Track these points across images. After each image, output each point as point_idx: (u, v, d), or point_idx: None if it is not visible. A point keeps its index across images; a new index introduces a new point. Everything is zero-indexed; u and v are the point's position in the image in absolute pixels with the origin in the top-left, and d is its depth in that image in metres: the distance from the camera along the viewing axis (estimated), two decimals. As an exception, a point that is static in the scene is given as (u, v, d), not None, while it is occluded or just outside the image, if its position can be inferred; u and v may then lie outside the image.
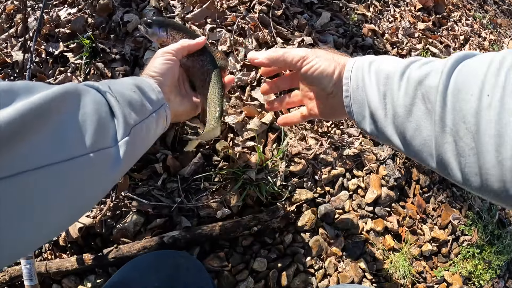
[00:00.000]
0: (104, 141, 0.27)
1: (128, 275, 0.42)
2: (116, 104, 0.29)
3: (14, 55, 0.75)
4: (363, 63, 0.33)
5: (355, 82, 0.33)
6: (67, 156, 0.23)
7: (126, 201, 0.58)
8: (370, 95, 0.31)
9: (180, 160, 0.58)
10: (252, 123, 0.60)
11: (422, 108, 0.26)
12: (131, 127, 0.30)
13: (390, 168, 0.68)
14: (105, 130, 0.27)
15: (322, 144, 0.63)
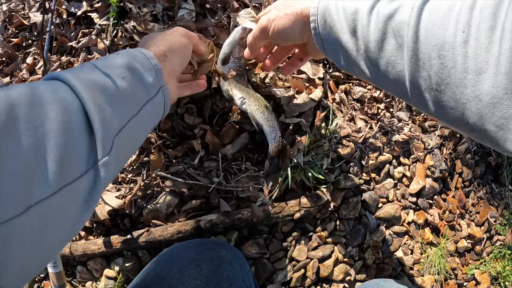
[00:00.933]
0: (73, 171, 0.20)
1: (166, 270, 0.39)
2: (93, 107, 0.22)
3: (32, 17, 0.67)
4: (328, 2, 0.32)
5: (322, 21, 0.32)
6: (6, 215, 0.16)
7: (158, 180, 0.53)
8: (340, 32, 0.31)
9: (220, 137, 0.53)
10: (300, 99, 0.55)
11: (393, 43, 0.26)
12: (113, 137, 0.24)
13: (437, 158, 0.65)
14: (74, 155, 0.20)
15: (372, 127, 0.59)
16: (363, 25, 0.29)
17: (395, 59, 0.27)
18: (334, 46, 0.32)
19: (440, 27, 0.23)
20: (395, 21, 0.26)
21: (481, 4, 0.22)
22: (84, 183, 0.21)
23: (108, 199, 0.53)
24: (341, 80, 0.62)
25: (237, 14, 0.53)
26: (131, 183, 0.54)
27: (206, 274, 0.38)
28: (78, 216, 0.21)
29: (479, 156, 0.73)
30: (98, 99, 0.23)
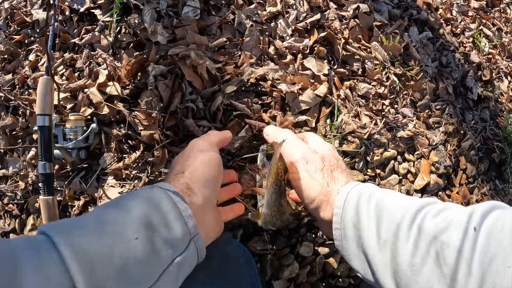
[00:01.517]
0: None
1: None
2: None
3: (34, 14, 0.67)
4: (361, 193, 0.29)
5: (350, 217, 0.29)
6: None
7: (163, 177, 0.53)
8: (367, 239, 0.27)
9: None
10: (305, 95, 0.56)
11: (435, 271, 0.22)
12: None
13: (441, 154, 0.65)
14: None
15: (377, 123, 0.59)
16: (399, 240, 0.25)
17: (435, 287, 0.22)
18: (354, 249, 0.29)
19: (502, 261, 0.19)
20: (441, 243, 0.22)
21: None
22: None
23: (111, 194, 0.54)
24: (346, 77, 0.63)
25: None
26: (135, 180, 0.54)
27: (213, 273, 0.38)
28: None
29: (483, 152, 0.74)
30: (97, 276, 0.19)
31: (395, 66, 0.65)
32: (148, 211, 0.24)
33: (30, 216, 0.62)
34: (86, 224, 0.21)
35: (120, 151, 0.55)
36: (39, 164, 0.46)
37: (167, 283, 0.24)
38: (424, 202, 0.27)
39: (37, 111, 0.46)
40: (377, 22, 0.67)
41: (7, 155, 0.64)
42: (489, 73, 0.78)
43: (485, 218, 0.22)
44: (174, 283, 0.25)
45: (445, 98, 0.71)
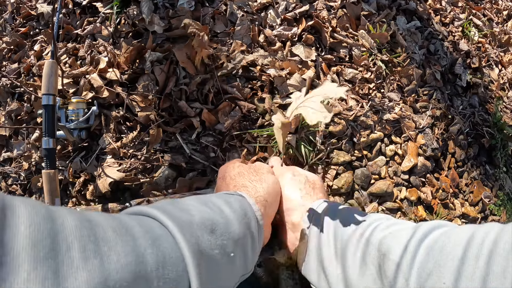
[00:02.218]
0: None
1: None
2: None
3: (39, 7, 0.73)
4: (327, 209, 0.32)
5: (314, 230, 0.31)
6: None
7: (158, 155, 0.58)
8: (325, 249, 0.30)
9: (215, 114, 0.58)
10: (293, 79, 0.60)
11: (377, 283, 0.24)
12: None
13: (428, 137, 0.69)
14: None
15: (363, 106, 0.63)
16: (350, 253, 0.28)
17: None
18: (314, 268, 0.31)
19: (437, 277, 0.20)
20: (384, 256, 0.24)
21: (489, 248, 0.19)
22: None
23: (109, 172, 0.58)
24: (333, 63, 0.67)
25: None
26: (132, 158, 0.59)
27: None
28: None
29: (472, 137, 0.77)
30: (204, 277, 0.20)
31: (382, 53, 0.69)
32: (245, 231, 0.27)
33: (32, 195, 0.67)
34: (198, 227, 0.23)
35: (118, 131, 0.60)
36: (43, 139, 0.51)
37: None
38: (377, 217, 0.30)
39: (42, 91, 0.51)
40: (365, 12, 0.72)
41: (12, 138, 0.70)
42: (478, 60, 0.82)
43: (427, 236, 0.23)
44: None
45: (432, 84, 0.75)
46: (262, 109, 0.59)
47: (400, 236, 0.25)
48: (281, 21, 0.65)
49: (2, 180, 0.69)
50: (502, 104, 0.85)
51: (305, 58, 0.63)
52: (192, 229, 0.22)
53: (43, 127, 0.52)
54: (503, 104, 0.86)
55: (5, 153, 0.70)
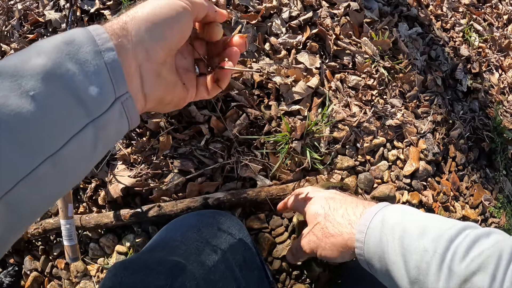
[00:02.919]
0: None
1: (169, 234, 0.46)
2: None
3: (47, 14, 0.76)
4: (381, 238, 0.30)
5: (375, 259, 0.30)
6: None
7: (167, 161, 0.61)
8: (397, 276, 0.28)
9: (223, 121, 0.62)
10: (298, 86, 0.64)
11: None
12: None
13: (429, 142, 0.73)
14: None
15: (366, 112, 0.67)
16: (430, 282, 0.27)
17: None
18: (387, 280, 0.30)
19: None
20: (471, 286, 0.25)
21: None
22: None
23: (121, 178, 0.62)
24: (337, 70, 0.71)
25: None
26: (142, 164, 0.62)
27: (206, 237, 0.44)
28: None
29: (472, 142, 0.81)
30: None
31: (384, 60, 0.73)
32: (56, 60, 0.19)
33: (43, 201, 0.70)
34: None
35: (128, 138, 0.63)
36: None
37: (77, 151, 0.20)
38: (452, 233, 0.28)
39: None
40: (368, 19, 0.75)
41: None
42: (478, 65, 0.86)
43: (510, 265, 0.24)
44: (90, 151, 0.21)
45: (433, 90, 0.78)
46: (269, 116, 0.63)
47: (486, 264, 0.25)
48: (286, 30, 0.69)
49: (13, 185, 0.72)
50: (502, 108, 0.89)
51: (309, 66, 0.66)
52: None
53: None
54: (503, 108, 0.89)
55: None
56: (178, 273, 0.37)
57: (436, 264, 0.27)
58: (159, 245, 0.44)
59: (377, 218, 0.32)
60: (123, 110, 0.22)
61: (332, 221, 0.36)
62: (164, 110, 0.29)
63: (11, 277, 0.73)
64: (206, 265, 0.41)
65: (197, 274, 0.38)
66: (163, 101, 0.27)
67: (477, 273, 0.25)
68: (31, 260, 0.72)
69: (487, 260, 0.25)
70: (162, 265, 0.38)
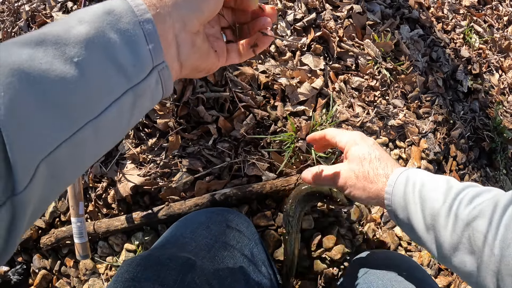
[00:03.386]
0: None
1: (179, 231, 0.47)
2: (7, 120, 0.16)
3: (54, 16, 0.79)
4: (405, 191, 0.36)
5: (400, 209, 0.36)
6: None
7: (176, 160, 0.64)
8: (416, 223, 0.35)
9: (231, 121, 0.64)
10: (303, 88, 0.66)
11: (468, 248, 0.30)
12: (38, 163, 0.18)
13: (431, 141, 0.75)
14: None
15: (369, 112, 0.69)
16: (441, 226, 0.33)
17: (466, 262, 0.30)
18: (408, 228, 0.36)
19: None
20: (473, 229, 0.30)
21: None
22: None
23: (130, 177, 0.64)
24: (340, 71, 0.73)
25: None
26: (151, 163, 0.65)
27: (215, 234, 0.46)
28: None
29: (472, 141, 0.84)
30: (19, 102, 0.16)
31: (387, 61, 0.76)
32: (99, 29, 0.20)
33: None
34: (17, 40, 0.18)
35: (137, 138, 0.66)
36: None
37: (116, 116, 0.21)
38: (460, 187, 0.34)
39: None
40: (370, 21, 0.78)
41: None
42: (478, 67, 0.89)
43: (505, 212, 0.29)
44: (128, 117, 0.23)
45: (435, 90, 0.81)
46: (275, 116, 0.65)
47: (484, 211, 0.30)
48: (291, 32, 0.71)
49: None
50: (502, 108, 0.92)
51: (314, 67, 0.69)
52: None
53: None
54: (503, 109, 0.92)
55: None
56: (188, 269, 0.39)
57: (445, 211, 0.32)
58: (170, 242, 0.46)
59: (403, 175, 0.38)
60: (159, 78, 0.24)
61: (374, 169, 0.40)
62: (196, 76, 0.31)
63: (19, 275, 0.75)
64: (216, 261, 0.43)
65: (206, 270, 0.40)
66: (198, 68, 0.29)
67: (476, 218, 0.30)
68: (39, 259, 0.74)
69: (486, 208, 0.30)
70: (173, 261, 0.39)
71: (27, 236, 0.71)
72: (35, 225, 0.72)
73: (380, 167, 0.40)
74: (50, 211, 0.72)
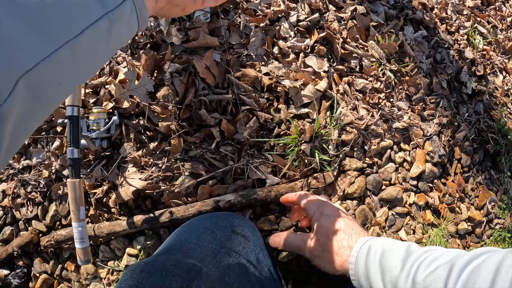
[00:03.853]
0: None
1: (184, 237, 0.47)
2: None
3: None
4: (369, 252, 0.39)
5: (362, 272, 0.38)
6: None
7: (178, 164, 0.63)
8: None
9: (234, 124, 0.64)
10: (307, 90, 0.66)
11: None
12: (18, 77, 0.18)
13: (435, 144, 0.75)
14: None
15: (373, 115, 0.69)
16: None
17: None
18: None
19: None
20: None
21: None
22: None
23: (132, 181, 0.64)
24: (344, 73, 0.73)
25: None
26: (153, 167, 0.64)
27: (221, 239, 0.46)
28: None
29: (477, 143, 0.84)
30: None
31: (391, 63, 0.76)
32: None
33: (52, 203, 0.72)
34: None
35: (139, 141, 0.65)
36: (68, 149, 0.56)
37: (93, 40, 0.22)
38: (419, 253, 0.36)
39: (67, 102, 0.56)
40: (374, 23, 0.78)
41: (31, 146, 0.75)
42: (482, 68, 0.89)
43: (462, 273, 0.30)
44: (104, 43, 0.23)
45: (439, 92, 0.81)
46: (278, 119, 0.65)
47: (440, 276, 0.32)
48: (294, 33, 0.71)
49: (22, 187, 0.74)
50: (507, 110, 0.92)
51: (318, 69, 0.69)
52: None
53: (68, 137, 0.57)
54: (507, 110, 0.92)
55: (24, 161, 0.74)
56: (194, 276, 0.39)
57: (404, 277, 0.35)
58: (175, 247, 0.46)
59: (366, 245, 0.41)
60: (134, 7, 0.25)
61: (339, 241, 0.43)
62: (172, 12, 0.31)
63: (19, 279, 0.75)
64: (221, 267, 0.43)
65: (212, 277, 0.40)
66: (173, 2, 0.30)
67: (432, 283, 0.32)
68: (40, 263, 0.73)
69: (441, 273, 0.32)
70: (179, 268, 0.39)
71: (28, 240, 0.71)
72: (35, 228, 0.72)
73: (344, 239, 0.43)
74: (51, 214, 0.71)
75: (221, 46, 0.69)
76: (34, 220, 0.73)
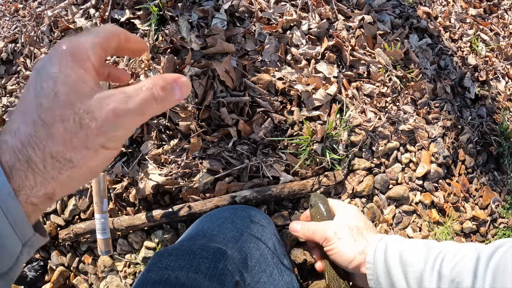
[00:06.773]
0: None
1: (206, 225, 0.54)
2: None
3: (77, 21, 0.87)
4: (386, 249, 0.39)
5: (381, 269, 0.39)
6: None
7: (197, 161, 0.71)
8: (399, 286, 0.37)
9: (250, 125, 0.72)
10: (318, 94, 0.74)
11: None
12: None
13: (440, 146, 0.83)
14: None
15: (381, 118, 0.77)
16: (425, 286, 0.35)
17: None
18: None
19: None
20: (457, 285, 0.32)
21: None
22: None
23: (152, 176, 0.71)
24: (353, 79, 0.81)
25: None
26: (172, 164, 0.72)
27: (241, 227, 0.53)
28: None
29: (480, 146, 0.92)
30: None
31: (397, 69, 0.84)
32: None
33: (72, 197, 0.79)
34: None
35: (159, 139, 0.73)
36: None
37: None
38: (440, 246, 0.38)
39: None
40: (381, 31, 0.87)
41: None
42: (485, 74, 0.97)
43: (490, 260, 0.31)
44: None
45: (443, 97, 0.89)
46: (291, 121, 0.73)
47: (468, 265, 0.33)
48: (306, 41, 0.80)
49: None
50: (509, 114, 1.00)
51: (328, 75, 0.77)
52: None
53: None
54: (510, 114, 1.00)
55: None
56: (220, 257, 0.46)
57: (428, 271, 0.36)
58: (199, 234, 0.53)
59: (382, 242, 0.42)
60: (29, 252, 0.22)
61: (357, 239, 0.45)
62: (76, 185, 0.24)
63: (35, 272, 0.81)
64: (243, 251, 0.50)
65: (236, 259, 0.47)
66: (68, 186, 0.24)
67: (461, 273, 0.33)
68: (58, 255, 0.80)
69: (469, 262, 0.34)
70: (205, 251, 0.46)
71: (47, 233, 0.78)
72: (54, 222, 0.79)
73: (364, 232, 0.45)
74: (70, 209, 0.78)
75: (237, 52, 0.78)
76: (53, 214, 0.80)
